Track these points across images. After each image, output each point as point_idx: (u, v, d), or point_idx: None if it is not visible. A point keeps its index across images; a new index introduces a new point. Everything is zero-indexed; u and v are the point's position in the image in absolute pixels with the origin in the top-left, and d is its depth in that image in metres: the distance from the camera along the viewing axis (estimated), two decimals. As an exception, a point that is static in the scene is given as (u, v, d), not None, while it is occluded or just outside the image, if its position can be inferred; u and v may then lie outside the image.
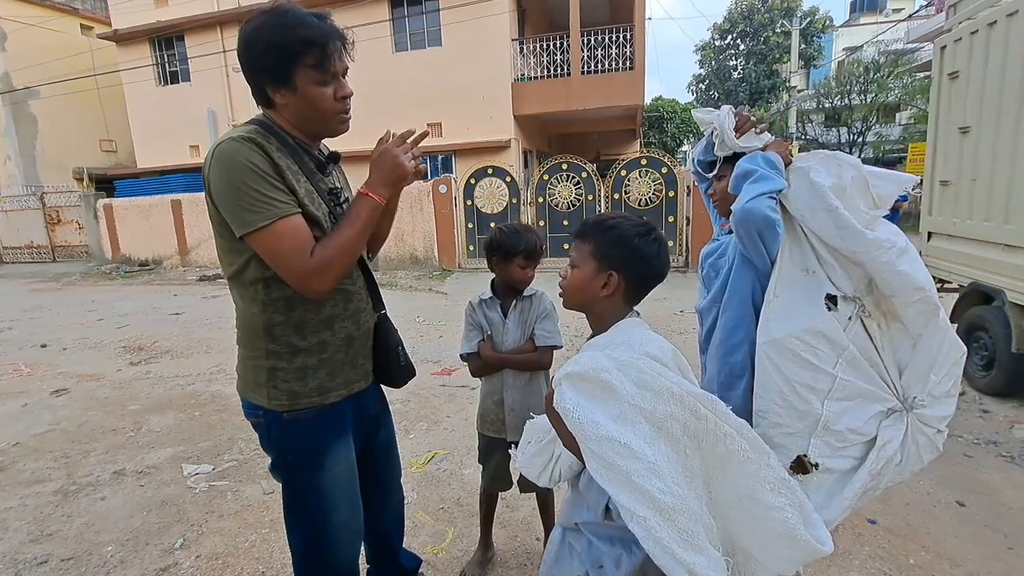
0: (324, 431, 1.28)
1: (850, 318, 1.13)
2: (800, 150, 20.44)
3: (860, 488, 1.17)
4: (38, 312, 7.65)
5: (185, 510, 2.50)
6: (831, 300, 1.13)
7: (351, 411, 1.35)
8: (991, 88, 3.50)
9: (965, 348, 1.23)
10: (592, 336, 1.10)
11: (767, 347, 1.20)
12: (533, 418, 1.20)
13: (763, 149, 1.35)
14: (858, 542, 2.15)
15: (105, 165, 16.17)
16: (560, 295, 1.14)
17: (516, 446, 1.25)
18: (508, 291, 1.85)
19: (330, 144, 1.38)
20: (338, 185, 1.33)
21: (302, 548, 1.36)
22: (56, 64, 14.51)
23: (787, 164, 1.27)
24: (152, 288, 9.63)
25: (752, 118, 1.45)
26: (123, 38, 13.95)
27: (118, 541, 2.29)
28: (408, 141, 1.23)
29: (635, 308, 1.10)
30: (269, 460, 1.34)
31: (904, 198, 7.04)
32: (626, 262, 1.04)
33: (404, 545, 1.78)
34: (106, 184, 15.09)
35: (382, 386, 1.52)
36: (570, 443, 0.91)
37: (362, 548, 1.52)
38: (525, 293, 1.86)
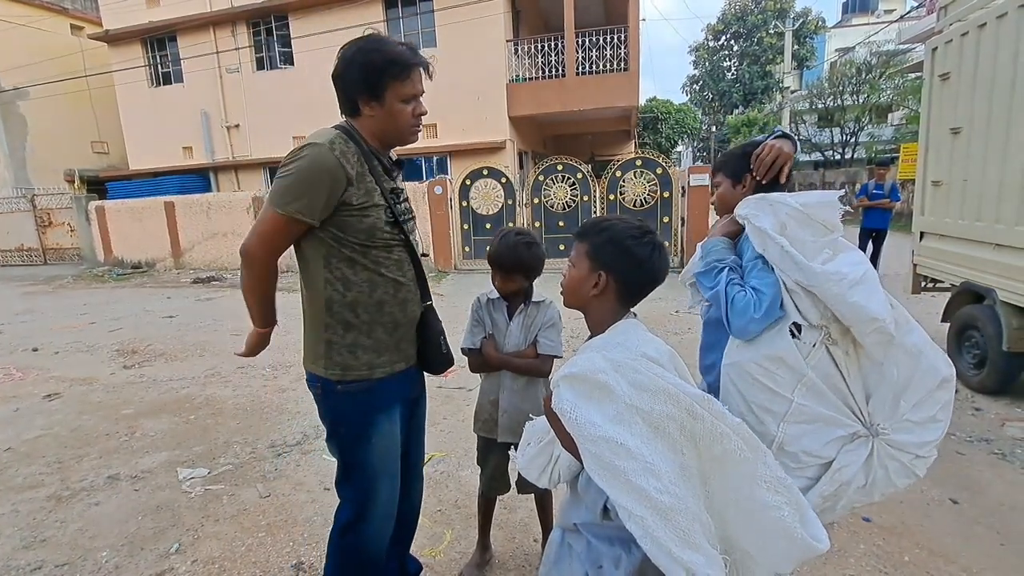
0: (372, 403, 1.44)
1: (814, 345, 1.15)
2: (793, 151, 20.43)
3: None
4: (29, 315, 7.57)
5: (180, 515, 2.48)
6: (796, 327, 1.16)
7: (397, 389, 1.50)
8: (981, 89, 3.54)
9: (947, 372, 1.21)
10: (590, 338, 1.10)
11: (729, 369, 1.25)
12: (532, 419, 1.20)
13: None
14: (853, 540, 2.17)
15: (97, 167, 16.03)
16: (561, 294, 1.16)
17: (515, 447, 1.26)
18: (516, 296, 1.84)
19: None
20: (400, 186, 1.52)
21: (345, 522, 1.50)
22: (46, 64, 14.38)
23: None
24: (145, 290, 9.55)
25: None
26: (115, 38, 13.85)
27: (113, 546, 2.27)
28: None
29: (632, 310, 1.11)
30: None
31: (896, 197, 7.11)
32: (617, 263, 1.05)
33: None
34: (98, 186, 14.98)
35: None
36: (568, 444, 0.92)
37: None
38: (534, 299, 1.84)
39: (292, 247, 1.42)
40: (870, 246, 7.11)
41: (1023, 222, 3.16)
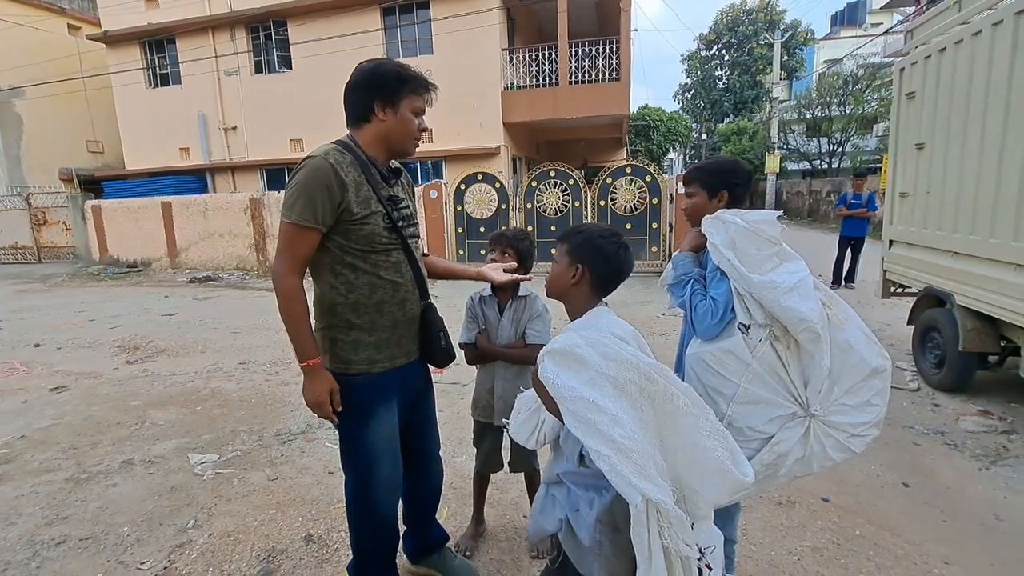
0: (371, 394, 1.61)
1: (760, 340, 1.39)
2: (782, 159, 20.83)
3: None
4: (27, 313, 7.66)
5: (194, 495, 2.66)
6: (744, 326, 1.40)
7: (397, 381, 1.66)
8: (942, 108, 3.82)
9: (878, 363, 1.40)
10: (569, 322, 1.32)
11: (690, 359, 1.51)
12: (522, 391, 1.42)
13: None
14: (811, 517, 2.40)
15: (92, 166, 16.07)
16: (545, 286, 1.38)
17: (507, 421, 1.47)
18: (505, 291, 2.05)
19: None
20: (399, 195, 1.65)
21: (353, 490, 1.68)
22: (43, 64, 14.44)
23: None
24: (141, 290, 9.65)
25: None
26: (113, 40, 13.95)
27: (133, 522, 2.44)
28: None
29: (605, 300, 1.33)
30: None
31: (874, 207, 7.42)
32: (590, 258, 1.28)
33: None
34: (93, 185, 15.02)
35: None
36: (551, 407, 1.13)
37: (401, 507, 1.82)
38: (520, 294, 2.05)
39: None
40: (849, 253, 7.43)
41: (977, 232, 3.43)
